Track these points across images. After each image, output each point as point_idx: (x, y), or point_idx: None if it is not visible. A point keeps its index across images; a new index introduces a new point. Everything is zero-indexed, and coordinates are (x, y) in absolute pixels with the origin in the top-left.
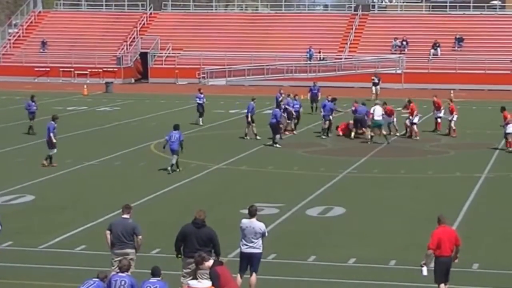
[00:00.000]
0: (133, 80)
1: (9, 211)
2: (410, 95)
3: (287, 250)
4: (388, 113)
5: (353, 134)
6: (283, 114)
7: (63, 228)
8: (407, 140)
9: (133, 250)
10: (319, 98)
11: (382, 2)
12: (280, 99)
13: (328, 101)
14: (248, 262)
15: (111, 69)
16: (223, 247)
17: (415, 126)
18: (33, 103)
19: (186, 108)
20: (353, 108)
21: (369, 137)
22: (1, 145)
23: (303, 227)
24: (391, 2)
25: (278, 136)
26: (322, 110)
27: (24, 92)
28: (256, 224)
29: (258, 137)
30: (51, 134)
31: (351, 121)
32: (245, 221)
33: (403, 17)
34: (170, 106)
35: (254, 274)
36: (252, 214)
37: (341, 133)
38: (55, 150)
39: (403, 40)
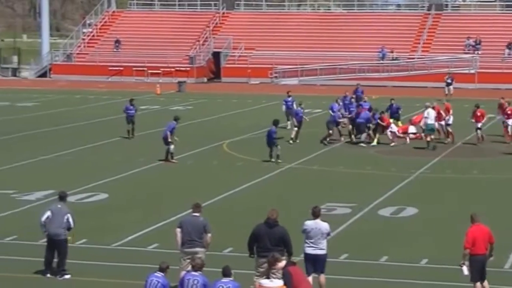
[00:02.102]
0: (205, 80)
1: (83, 209)
2: (484, 95)
3: (359, 250)
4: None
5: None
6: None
7: (136, 226)
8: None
9: (203, 249)
10: (364, 98)
11: (455, 1)
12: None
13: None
14: (314, 263)
15: (184, 69)
16: (295, 247)
17: (449, 128)
18: (132, 107)
19: (259, 107)
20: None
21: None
22: (74, 144)
23: (375, 227)
24: (464, 1)
25: (364, 135)
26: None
27: (97, 91)
28: (321, 225)
29: (293, 141)
30: (168, 133)
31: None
32: (309, 223)
33: (477, 16)
34: (242, 106)
35: (322, 275)
36: (316, 215)
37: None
38: (172, 146)
39: (476, 40)
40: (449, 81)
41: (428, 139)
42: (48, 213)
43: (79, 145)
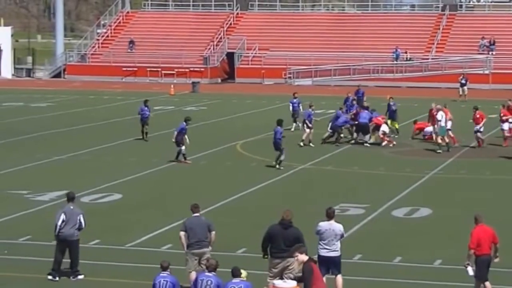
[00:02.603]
0: (219, 80)
1: (97, 209)
2: (498, 96)
3: (372, 251)
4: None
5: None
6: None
7: (150, 226)
8: (493, 142)
9: (209, 249)
10: (364, 102)
11: (469, 1)
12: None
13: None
14: (328, 265)
15: (198, 69)
16: (310, 248)
17: (479, 134)
18: (146, 108)
19: (273, 108)
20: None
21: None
22: (89, 144)
23: (389, 228)
24: (478, 1)
25: (368, 136)
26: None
27: (111, 92)
28: (335, 226)
29: (312, 144)
30: (175, 133)
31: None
32: (324, 224)
33: (491, 16)
34: (256, 106)
35: (339, 276)
36: (330, 216)
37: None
38: (183, 148)
39: (490, 40)
40: (463, 81)
41: (440, 141)
42: (63, 216)
43: (93, 146)
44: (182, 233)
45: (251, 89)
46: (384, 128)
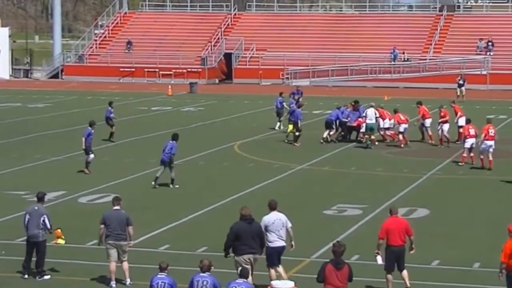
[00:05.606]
0: (217, 81)
1: (93, 210)
2: (496, 97)
3: (370, 251)
4: (381, 117)
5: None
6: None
7: (147, 227)
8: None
9: (128, 242)
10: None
11: (467, 2)
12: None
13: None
14: (279, 255)
15: (196, 70)
16: (307, 247)
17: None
18: (110, 109)
19: (270, 109)
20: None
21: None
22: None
23: None
24: (476, 2)
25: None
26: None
27: (109, 93)
28: (282, 216)
29: (287, 142)
30: (83, 139)
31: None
32: (270, 216)
33: (489, 17)
34: (254, 107)
35: (281, 266)
36: (273, 207)
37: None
38: (91, 156)
39: (488, 41)
40: (461, 82)
41: (366, 137)
42: (27, 216)
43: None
44: (102, 226)
45: (248, 90)
46: (363, 129)
